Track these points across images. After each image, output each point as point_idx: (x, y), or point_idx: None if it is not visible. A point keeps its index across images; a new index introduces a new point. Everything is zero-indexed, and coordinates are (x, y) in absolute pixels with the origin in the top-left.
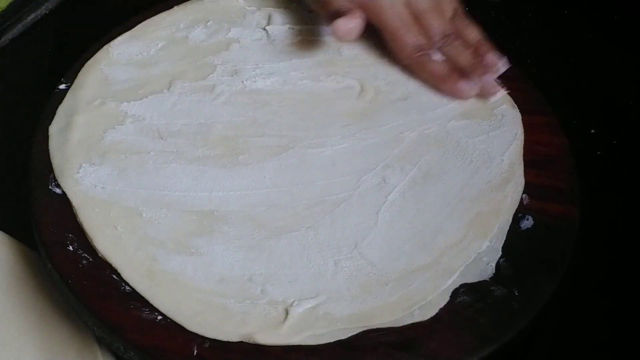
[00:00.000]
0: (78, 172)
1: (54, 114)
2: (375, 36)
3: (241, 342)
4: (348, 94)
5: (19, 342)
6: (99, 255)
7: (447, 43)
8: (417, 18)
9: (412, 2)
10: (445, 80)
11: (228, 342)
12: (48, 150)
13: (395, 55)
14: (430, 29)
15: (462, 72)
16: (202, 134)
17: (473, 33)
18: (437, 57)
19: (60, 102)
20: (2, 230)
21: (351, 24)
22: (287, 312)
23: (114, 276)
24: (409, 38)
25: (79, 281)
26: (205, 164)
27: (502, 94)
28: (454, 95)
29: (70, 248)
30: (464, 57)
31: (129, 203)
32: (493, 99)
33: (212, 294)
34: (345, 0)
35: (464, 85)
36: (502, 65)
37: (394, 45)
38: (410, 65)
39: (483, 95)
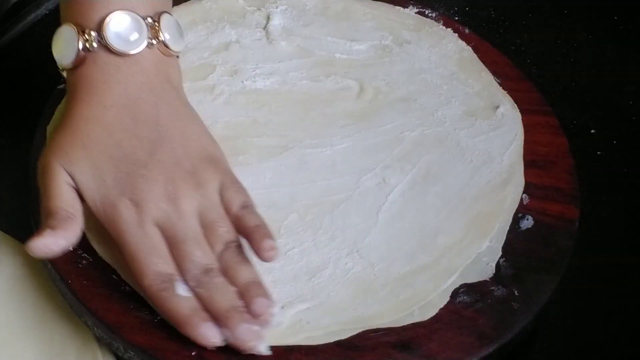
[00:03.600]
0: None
1: (53, 113)
2: (374, 38)
3: None
4: (347, 94)
5: (19, 342)
6: (99, 255)
7: (205, 279)
8: (173, 247)
9: (169, 225)
10: (187, 321)
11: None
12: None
13: (135, 283)
14: (188, 260)
15: (212, 318)
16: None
17: (245, 275)
18: (182, 291)
19: (60, 102)
20: (2, 230)
21: (54, 246)
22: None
23: (114, 276)
24: (151, 264)
25: (79, 281)
26: None
27: (265, 350)
28: (195, 340)
29: (70, 248)
30: (221, 301)
31: None
32: (252, 351)
33: None
34: (68, 202)
35: (208, 330)
36: (270, 316)
37: (133, 270)
38: (149, 297)
39: (235, 347)
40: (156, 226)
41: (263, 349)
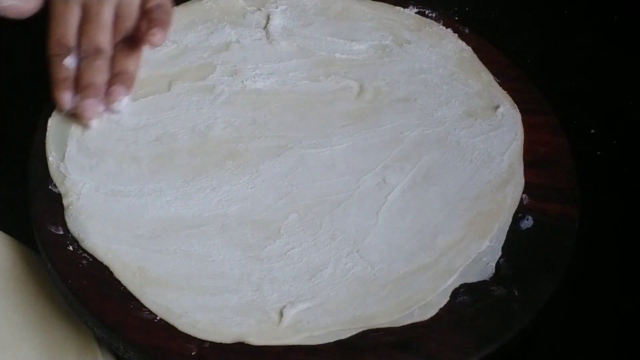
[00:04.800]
0: (73, 173)
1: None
2: (374, 38)
3: (240, 342)
4: (347, 94)
5: (19, 342)
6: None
7: (90, 57)
8: (85, 23)
9: (88, 7)
10: (57, 83)
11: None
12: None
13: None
14: (87, 38)
15: (78, 86)
16: (202, 135)
17: (126, 63)
18: (69, 62)
19: None
20: (2, 230)
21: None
22: (282, 314)
23: (114, 276)
24: (57, 30)
25: (79, 281)
26: (204, 165)
27: (95, 122)
28: (53, 100)
29: (70, 248)
30: (90, 76)
31: (124, 204)
32: (84, 121)
33: (207, 294)
34: None
35: (64, 96)
36: (119, 104)
37: (47, 37)
38: (47, 60)
39: (78, 116)
40: (79, 6)
41: (94, 124)
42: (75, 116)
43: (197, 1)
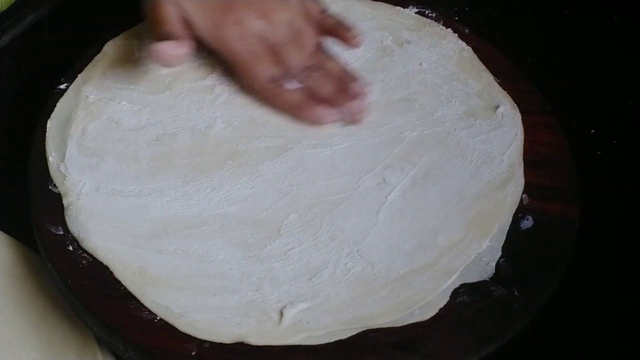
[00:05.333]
0: (73, 173)
1: (53, 111)
2: (374, 38)
3: (240, 342)
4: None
5: (19, 342)
6: (98, 255)
7: (307, 75)
8: (274, 51)
9: (268, 35)
10: (301, 107)
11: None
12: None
13: (248, 88)
14: (288, 62)
15: (322, 101)
16: (202, 135)
17: (336, 65)
18: (292, 85)
19: (60, 101)
20: (2, 230)
21: (175, 51)
22: (282, 314)
23: (114, 276)
24: (260, 70)
25: (79, 281)
26: (204, 165)
27: (365, 119)
28: (312, 121)
29: (70, 248)
30: (325, 87)
31: (124, 204)
32: (358, 123)
33: (207, 294)
34: (178, 26)
35: (321, 111)
36: (367, 92)
37: (245, 79)
38: (264, 96)
39: (348, 121)
40: (257, 38)
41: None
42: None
43: None
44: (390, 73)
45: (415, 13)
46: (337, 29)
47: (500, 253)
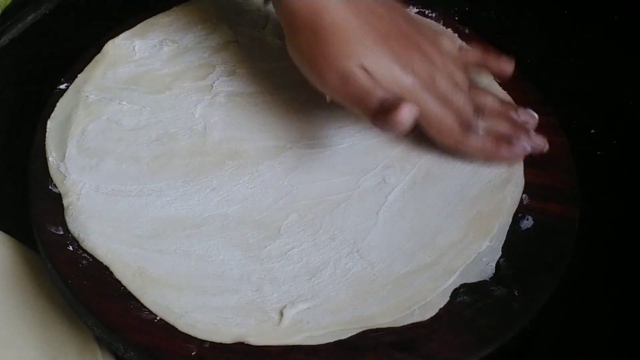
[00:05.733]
0: (73, 173)
1: (53, 111)
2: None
3: (240, 342)
4: None
5: (19, 342)
6: (98, 255)
7: (481, 117)
8: (445, 99)
9: (433, 87)
10: (497, 152)
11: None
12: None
13: (442, 144)
14: (462, 108)
15: (506, 140)
16: (201, 135)
17: (490, 99)
18: (480, 129)
19: (59, 101)
20: (2, 230)
21: (411, 113)
22: (282, 314)
23: (114, 276)
24: (451, 120)
25: (79, 281)
26: (204, 165)
27: (547, 147)
28: (511, 161)
29: (70, 248)
30: (503, 126)
31: (124, 204)
32: (543, 152)
33: (207, 294)
34: (389, 91)
35: (516, 150)
36: (534, 120)
37: (438, 131)
38: (458, 147)
39: (534, 152)
40: (426, 86)
41: (547, 148)
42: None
43: (196, 1)
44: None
45: (415, 13)
46: (486, 60)
47: (500, 253)
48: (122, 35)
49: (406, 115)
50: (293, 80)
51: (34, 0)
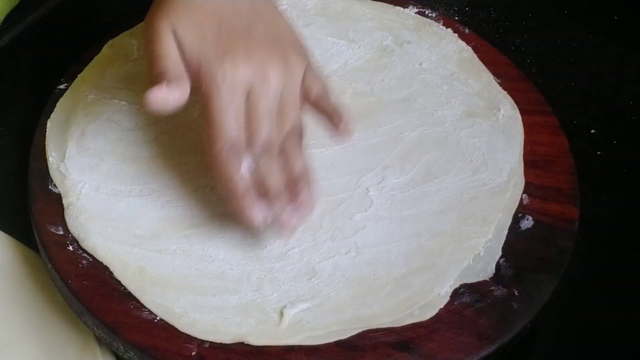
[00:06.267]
0: (73, 173)
1: (53, 111)
2: (374, 38)
3: (240, 342)
4: (347, 95)
5: (19, 342)
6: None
7: (265, 157)
8: (249, 116)
9: (252, 96)
10: (241, 199)
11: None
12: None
13: (205, 144)
14: (257, 133)
15: (262, 193)
16: (200, 135)
17: (299, 164)
18: (245, 167)
19: (60, 100)
20: (2, 230)
21: (173, 95)
22: (282, 314)
23: (114, 276)
24: (226, 127)
25: (79, 281)
26: (203, 165)
27: (290, 234)
28: (240, 216)
29: (70, 248)
30: (273, 179)
31: (124, 204)
32: (288, 234)
33: (207, 294)
34: (176, 64)
35: (256, 211)
36: (308, 211)
37: (209, 131)
38: (215, 162)
39: (278, 229)
40: (241, 91)
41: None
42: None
43: None
44: (390, 73)
45: (415, 13)
46: (330, 117)
47: (500, 253)
48: (122, 35)
49: (159, 98)
50: None
51: (34, 0)
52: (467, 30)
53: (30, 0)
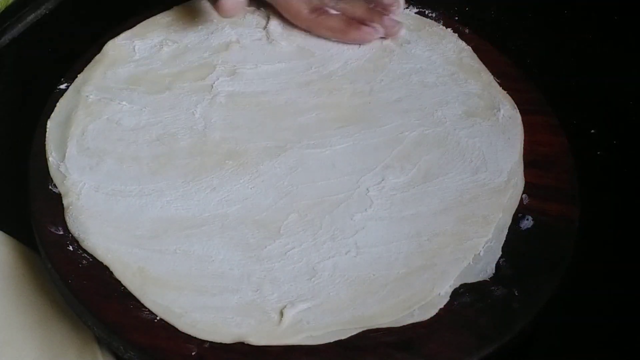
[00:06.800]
0: (73, 173)
1: (53, 111)
2: (375, 41)
3: (240, 342)
4: (347, 95)
5: (19, 342)
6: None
7: (336, 2)
8: None
9: None
10: (346, 31)
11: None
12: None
13: (293, 22)
14: None
15: (360, 22)
16: (202, 135)
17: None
18: (332, 12)
19: (60, 99)
20: (2, 230)
21: (232, 3)
22: (282, 314)
23: (114, 276)
24: (300, 4)
25: (79, 281)
26: (204, 165)
27: (403, 30)
28: (359, 41)
29: (70, 248)
30: (359, 8)
31: (124, 204)
32: (398, 35)
33: (207, 294)
34: None
35: (366, 30)
36: (398, 5)
37: (288, 14)
38: (309, 27)
39: (387, 35)
40: None
41: (403, 32)
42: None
43: (197, 1)
44: (390, 73)
45: (415, 13)
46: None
47: (500, 253)
48: (122, 35)
49: (228, 4)
50: (294, 80)
51: (34, 0)
52: (467, 30)
53: (31, 0)
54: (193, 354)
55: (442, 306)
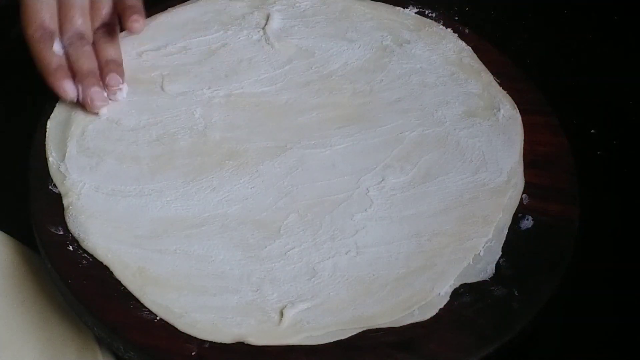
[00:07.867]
0: (73, 173)
1: (53, 111)
2: (374, 38)
3: (240, 342)
4: (347, 95)
5: (19, 342)
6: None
7: (76, 44)
8: (61, 8)
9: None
10: (53, 73)
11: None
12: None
13: (22, 29)
14: (69, 23)
15: (75, 74)
16: (202, 135)
17: (111, 51)
18: (57, 47)
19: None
20: (2, 230)
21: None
22: (282, 314)
23: (114, 276)
24: (39, 13)
25: (79, 281)
26: (204, 165)
27: (105, 110)
28: (54, 90)
29: (70, 248)
30: (85, 63)
31: (124, 204)
32: (95, 110)
33: (207, 294)
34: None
35: (67, 85)
36: (120, 92)
37: (22, 18)
38: (29, 45)
39: (86, 105)
40: None
41: (104, 111)
42: (81, 106)
43: (196, 1)
44: (390, 73)
45: (415, 13)
46: (124, 11)
47: (500, 253)
48: (122, 35)
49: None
50: (293, 80)
51: None
52: (467, 30)
53: None
54: (193, 354)
55: (442, 306)
